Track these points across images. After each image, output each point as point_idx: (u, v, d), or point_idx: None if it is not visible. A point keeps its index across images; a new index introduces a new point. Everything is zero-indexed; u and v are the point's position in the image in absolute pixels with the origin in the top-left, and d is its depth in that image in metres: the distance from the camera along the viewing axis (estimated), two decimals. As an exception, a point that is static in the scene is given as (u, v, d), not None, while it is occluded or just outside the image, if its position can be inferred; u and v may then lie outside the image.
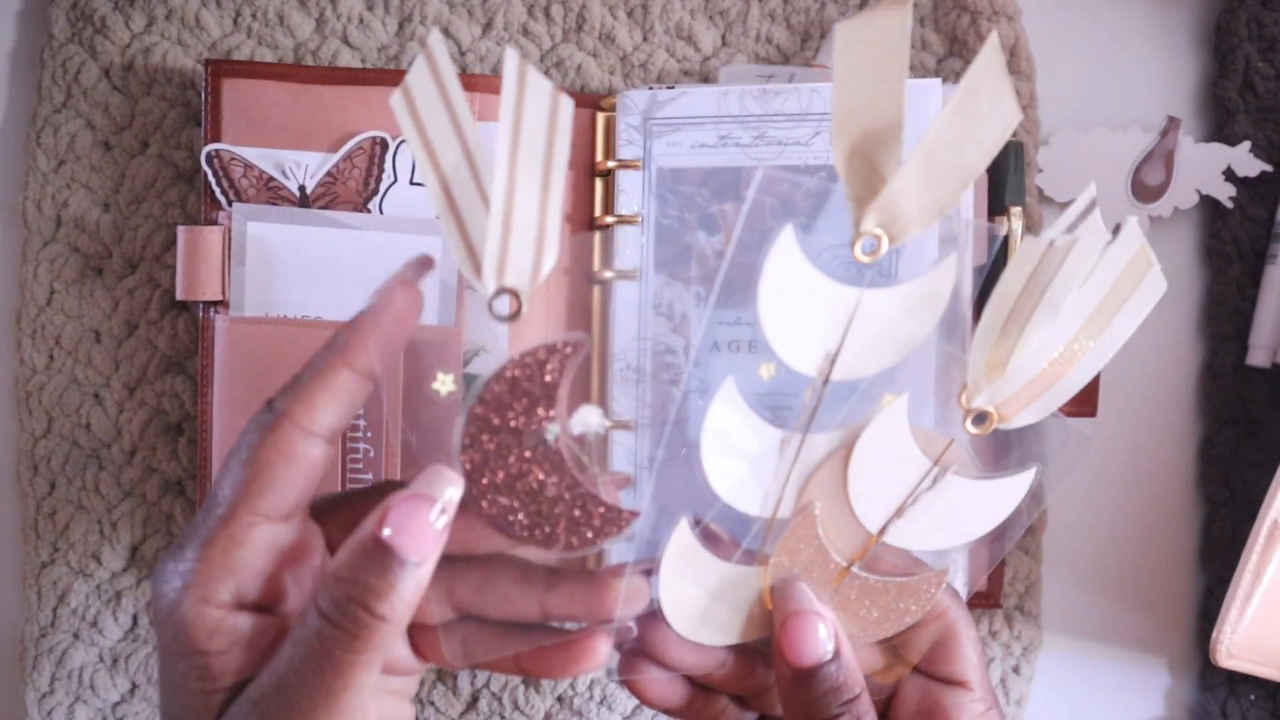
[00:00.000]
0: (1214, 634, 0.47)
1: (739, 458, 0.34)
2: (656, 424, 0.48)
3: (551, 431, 0.31)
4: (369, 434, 0.48)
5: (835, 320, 0.33)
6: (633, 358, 0.49)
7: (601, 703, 0.52)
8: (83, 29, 0.51)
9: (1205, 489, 0.53)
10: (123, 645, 0.51)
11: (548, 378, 0.31)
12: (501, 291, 0.30)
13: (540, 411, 0.31)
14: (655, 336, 0.48)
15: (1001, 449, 0.34)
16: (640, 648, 0.35)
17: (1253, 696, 0.51)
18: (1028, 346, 0.32)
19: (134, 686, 0.51)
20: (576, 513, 0.32)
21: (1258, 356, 0.51)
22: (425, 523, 0.29)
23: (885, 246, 0.32)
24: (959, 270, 0.48)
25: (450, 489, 0.30)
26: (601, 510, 0.32)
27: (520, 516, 0.32)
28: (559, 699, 0.52)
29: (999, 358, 0.32)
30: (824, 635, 0.33)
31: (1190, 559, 0.53)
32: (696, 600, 0.35)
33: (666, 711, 0.37)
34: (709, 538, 0.35)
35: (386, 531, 0.28)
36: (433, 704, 0.52)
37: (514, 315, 0.30)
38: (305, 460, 0.30)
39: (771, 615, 0.34)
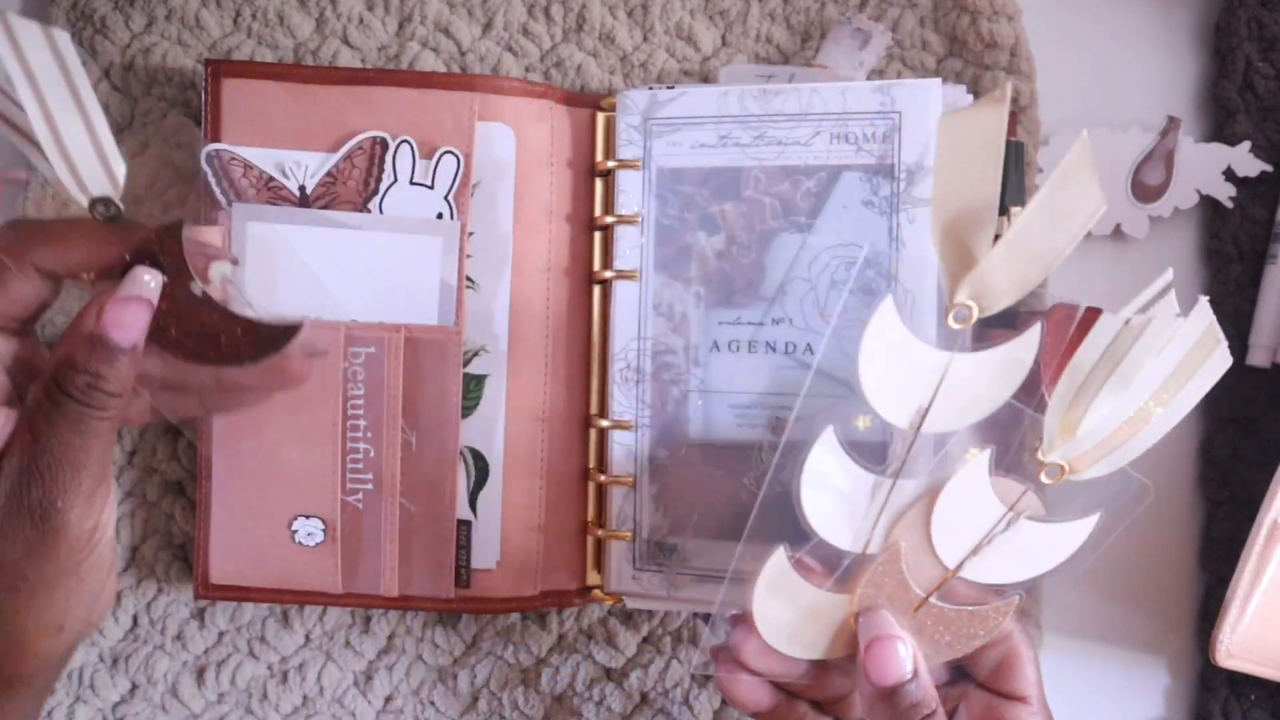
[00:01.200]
0: (1214, 634, 0.47)
1: (834, 497, 0.39)
2: (656, 424, 0.48)
3: (196, 287, 0.39)
4: (369, 434, 0.48)
5: (927, 380, 0.37)
6: (633, 358, 0.49)
7: (601, 703, 0.52)
8: (83, 29, 0.51)
9: (1205, 489, 0.53)
10: (123, 645, 0.51)
11: (174, 257, 0.39)
12: (95, 202, 0.37)
13: (183, 277, 0.39)
14: (655, 336, 0.48)
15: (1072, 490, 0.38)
16: (734, 655, 0.40)
17: (1253, 696, 0.51)
18: (1100, 412, 0.35)
19: (134, 686, 0.51)
20: (239, 330, 0.40)
21: (1258, 356, 0.51)
22: (134, 315, 0.36)
23: (975, 315, 0.36)
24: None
25: (150, 281, 0.37)
26: (259, 324, 0.40)
27: (207, 350, 0.40)
28: (558, 699, 0.52)
29: (1072, 421, 0.36)
30: (905, 656, 0.38)
31: (1190, 559, 0.53)
32: (787, 619, 0.39)
33: (754, 714, 0.41)
34: (801, 567, 0.39)
35: (107, 328, 0.36)
36: (433, 704, 0.52)
37: (115, 216, 0.38)
38: (30, 293, 0.36)
39: (855, 637, 0.39)
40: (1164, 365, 0.35)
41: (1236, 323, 0.52)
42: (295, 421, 0.48)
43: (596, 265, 0.50)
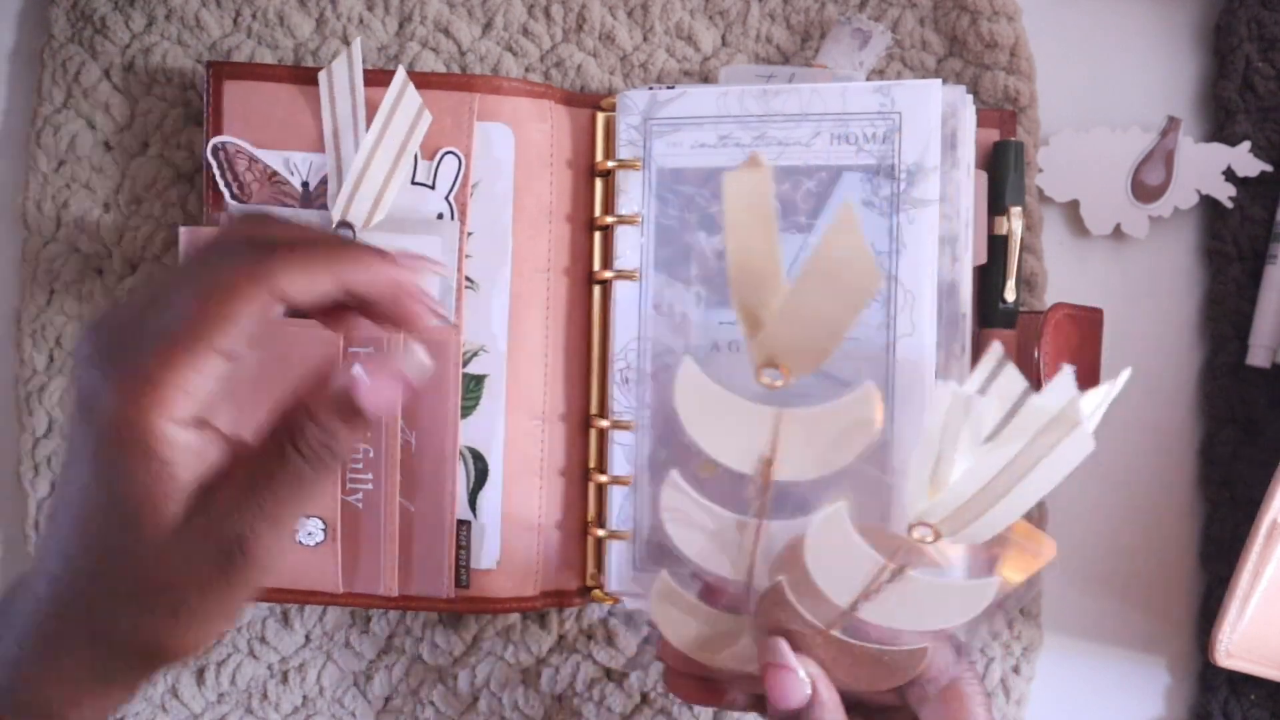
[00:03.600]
0: (1213, 633, 0.47)
1: (700, 532, 0.38)
2: (656, 424, 0.48)
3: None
4: (369, 433, 0.48)
5: (761, 431, 0.35)
6: (633, 358, 0.49)
7: (600, 703, 0.52)
8: (83, 29, 0.51)
9: (1205, 489, 0.53)
10: (123, 645, 0.51)
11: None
12: (341, 224, 0.45)
13: None
14: (655, 337, 0.48)
15: None
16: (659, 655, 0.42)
17: (1253, 696, 0.51)
18: (952, 479, 0.33)
19: (134, 686, 0.51)
20: None
21: (1258, 356, 0.51)
22: (397, 393, 0.34)
23: (789, 375, 0.34)
24: (958, 271, 0.48)
25: (425, 366, 0.34)
26: None
27: None
28: (558, 699, 0.52)
29: (934, 486, 0.34)
30: (802, 680, 0.37)
31: (1190, 559, 0.53)
32: (691, 631, 0.40)
33: (695, 701, 0.43)
34: (705, 588, 0.40)
35: (365, 395, 0.33)
36: (433, 704, 0.52)
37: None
38: (268, 317, 0.33)
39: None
40: (1016, 438, 0.32)
41: (1236, 323, 0.52)
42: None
43: (596, 265, 0.50)
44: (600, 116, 0.50)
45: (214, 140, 0.48)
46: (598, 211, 0.50)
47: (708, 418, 0.36)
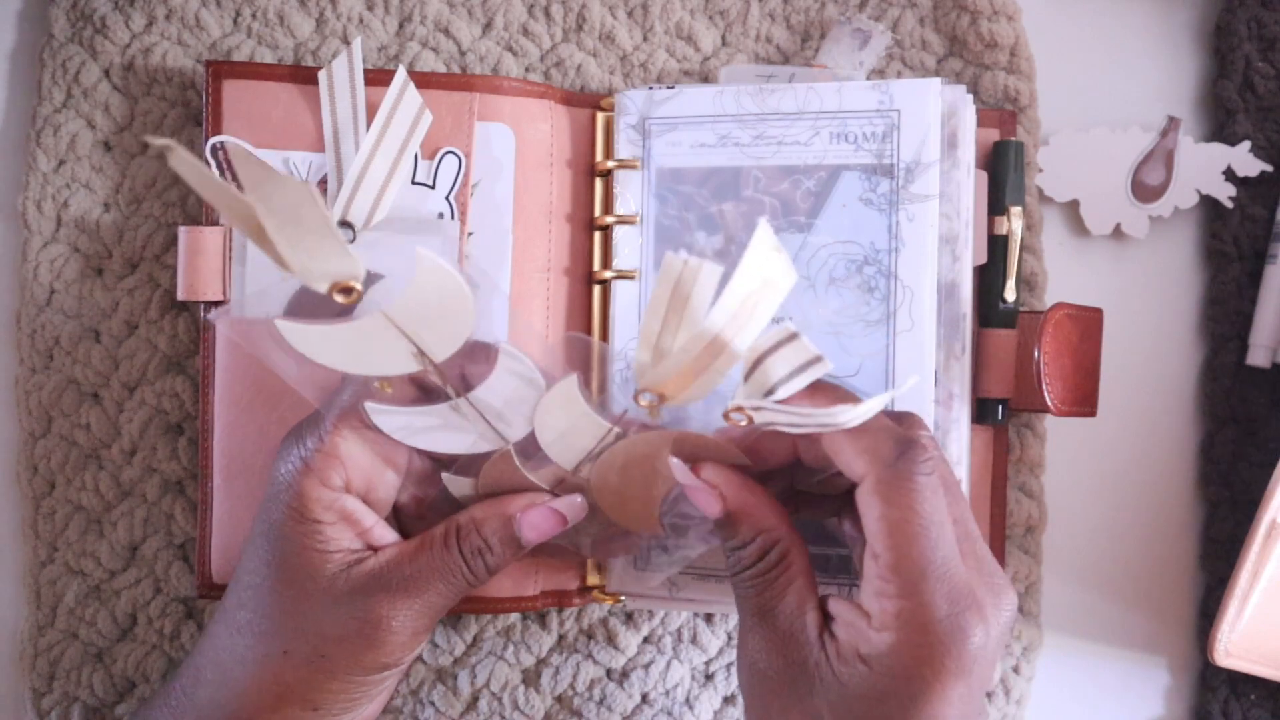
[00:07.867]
0: (1212, 633, 0.47)
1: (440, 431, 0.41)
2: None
3: None
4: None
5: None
6: (633, 358, 0.49)
7: (601, 703, 0.52)
8: (83, 29, 0.51)
9: (1205, 489, 0.53)
10: (121, 645, 0.51)
11: None
12: (341, 224, 0.45)
13: None
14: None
15: None
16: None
17: (1253, 696, 0.51)
18: (681, 340, 0.36)
19: (132, 686, 0.51)
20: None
21: (1258, 356, 0.51)
22: (549, 526, 0.41)
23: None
24: (958, 270, 0.48)
25: (580, 507, 0.42)
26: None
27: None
28: (558, 699, 0.52)
29: (659, 351, 0.37)
30: (710, 490, 0.39)
31: (1190, 559, 0.53)
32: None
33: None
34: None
35: (523, 523, 0.40)
36: (432, 704, 0.52)
37: (349, 241, 0.41)
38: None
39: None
40: (738, 289, 0.35)
41: (1236, 323, 0.52)
42: (296, 420, 0.48)
43: (596, 265, 0.50)
44: (600, 116, 0.50)
45: (213, 140, 0.48)
46: (597, 211, 0.50)
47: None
